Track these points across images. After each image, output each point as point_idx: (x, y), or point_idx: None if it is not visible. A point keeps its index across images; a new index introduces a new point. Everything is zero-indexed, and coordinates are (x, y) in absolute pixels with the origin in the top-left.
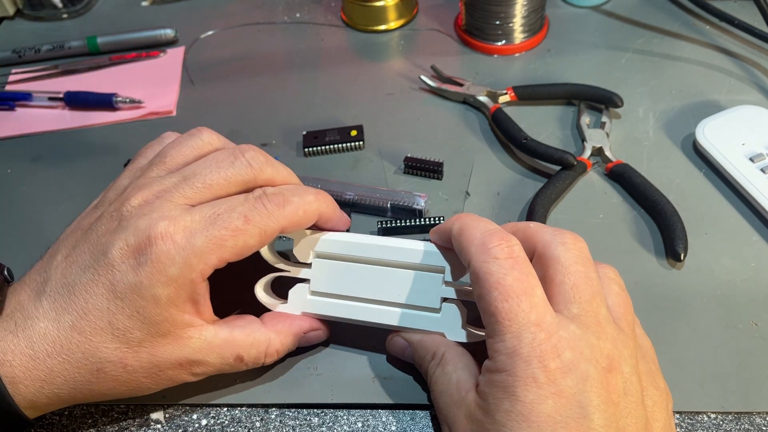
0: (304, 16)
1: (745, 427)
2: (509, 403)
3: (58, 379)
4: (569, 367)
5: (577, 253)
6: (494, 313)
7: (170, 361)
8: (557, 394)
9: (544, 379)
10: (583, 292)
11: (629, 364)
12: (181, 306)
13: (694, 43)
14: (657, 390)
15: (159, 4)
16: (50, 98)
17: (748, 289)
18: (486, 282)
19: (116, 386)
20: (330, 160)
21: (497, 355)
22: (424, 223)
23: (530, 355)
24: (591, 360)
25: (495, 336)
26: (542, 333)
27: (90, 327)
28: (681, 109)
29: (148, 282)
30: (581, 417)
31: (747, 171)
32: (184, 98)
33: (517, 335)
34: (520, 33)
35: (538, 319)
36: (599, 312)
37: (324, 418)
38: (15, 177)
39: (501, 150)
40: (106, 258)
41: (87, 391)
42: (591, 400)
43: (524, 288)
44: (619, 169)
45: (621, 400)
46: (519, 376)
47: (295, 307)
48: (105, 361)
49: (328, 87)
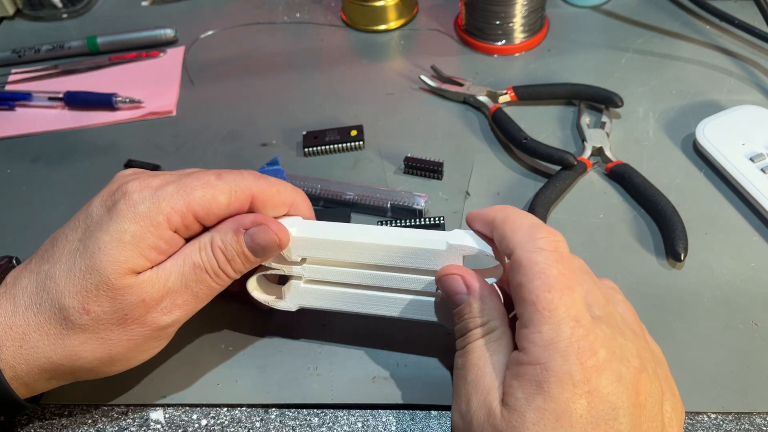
0: (304, 16)
1: (745, 427)
2: (542, 400)
3: (33, 334)
4: (605, 366)
5: (579, 265)
6: (534, 302)
7: (132, 301)
8: (590, 393)
9: (579, 377)
10: (597, 297)
11: (651, 367)
12: (145, 249)
13: (694, 43)
14: (674, 396)
15: (159, 4)
16: (50, 98)
17: (748, 289)
18: (530, 270)
19: (87, 341)
20: (330, 160)
21: (532, 347)
22: (424, 223)
23: (568, 350)
24: (623, 360)
25: (531, 326)
26: (581, 329)
27: (59, 271)
28: (681, 109)
29: (116, 218)
30: (611, 419)
31: (747, 171)
32: (184, 98)
33: (557, 327)
34: (520, 33)
35: (578, 314)
36: (616, 315)
37: (324, 418)
38: (15, 177)
39: (501, 150)
40: (88, 208)
41: (61, 350)
42: (623, 401)
43: (568, 282)
44: (619, 169)
45: (647, 402)
46: (554, 371)
47: (291, 302)
48: (69, 307)
49: (328, 87)
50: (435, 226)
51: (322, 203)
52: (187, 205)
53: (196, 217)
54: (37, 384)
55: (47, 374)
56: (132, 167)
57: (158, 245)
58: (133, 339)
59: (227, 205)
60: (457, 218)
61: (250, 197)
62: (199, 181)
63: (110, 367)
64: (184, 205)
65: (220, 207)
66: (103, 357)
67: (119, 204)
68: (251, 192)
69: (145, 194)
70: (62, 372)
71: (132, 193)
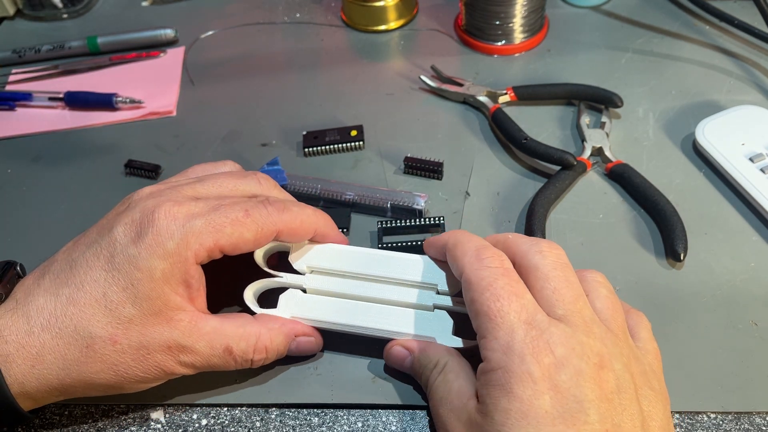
0: (304, 16)
1: (745, 427)
2: (506, 401)
3: (48, 356)
4: (562, 362)
5: (554, 259)
6: (486, 312)
7: (159, 342)
8: (553, 389)
9: (539, 374)
10: (565, 295)
11: (620, 363)
12: (174, 286)
13: (694, 43)
14: (652, 390)
15: (159, 4)
16: (50, 98)
17: (748, 289)
18: (478, 285)
19: (104, 369)
20: (330, 160)
21: (491, 354)
22: (424, 223)
23: (524, 351)
24: (582, 356)
25: (488, 335)
26: (534, 330)
27: (85, 299)
28: (681, 109)
29: (146, 253)
30: (578, 411)
31: (747, 171)
32: (184, 98)
33: (510, 332)
34: (520, 33)
35: (529, 317)
36: (584, 312)
37: (324, 418)
38: (15, 177)
39: (501, 150)
40: (110, 234)
41: (76, 374)
42: (586, 394)
43: (515, 290)
44: (618, 169)
45: (614, 396)
46: (514, 372)
47: (285, 312)
48: (95, 336)
49: (328, 87)
50: (435, 226)
51: (322, 203)
52: (216, 242)
53: (222, 252)
54: (44, 400)
55: (56, 392)
56: (132, 167)
57: (186, 280)
58: (147, 376)
59: (254, 242)
60: (456, 218)
61: (275, 233)
62: (228, 219)
63: (117, 392)
64: (212, 243)
65: (246, 243)
66: (114, 384)
67: (147, 237)
68: (277, 228)
69: (173, 229)
70: (71, 392)
71: (160, 227)
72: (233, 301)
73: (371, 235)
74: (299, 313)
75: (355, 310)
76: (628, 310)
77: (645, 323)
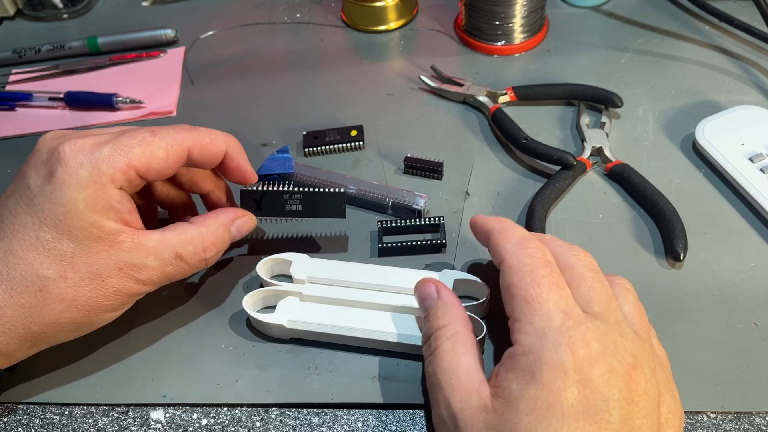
0: (304, 16)
1: (745, 427)
2: (534, 389)
3: (6, 309)
4: (597, 358)
5: (589, 263)
6: (525, 296)
7: (109, 266)
8: (582, 383)
9: (571, 365)
10: (600, 294)
11: (649, 367)
12: (102, 212)
13: (694, 43)
14: (673, 399)
15: (159, 4)
16: (50, 98)
17: (748, 289)
18: (520, 270)
19: (66, 308)
20: (330, 160)
21: (525, 337)
22: (423, 223)
23: (559, 339)
24: (616, 355)
25: (523, 318)
26: (571, 320)
27: (20, 246)
28: (681, 109)
29: (61, 188)
30: (602, 410)
31: (746, 171)
32: (184, 98)
33: (547, 318)
34: (520, 33)
35: (567, 308)
36: (617, 313)
37: (324, 418)
38: None
39: (501, 150)
40: (24, 180)
41: (39, 319)
42: (613, 394)
43: (555, 281)
44: (618, 169)
45: (641, 399)
46: (546, 360)
47: (282, 318)
48: (44, 277)
49: (328, 87)
50: (434, 226)
51: None
52: (128, 163)
53: (138, 173)
54: (17, 353)
55: (28, 343)
56: None
57: (111, 205)
58: (111, 303)
59: (165, 159)
60: (456, 218)
61: (185, 150)
62: (135, 140)
63: (89, 327)
64: (125, 164)
65: (159, 162)
66: (82, 320)
67: (57, 172)
68: (186, 145)
69: (81, 159)
70: (43, 339)
71: (68, 160)
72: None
73: (371, 235)
74: (296, 318)
75: (350, 315)
76: None
77: (654, 332)
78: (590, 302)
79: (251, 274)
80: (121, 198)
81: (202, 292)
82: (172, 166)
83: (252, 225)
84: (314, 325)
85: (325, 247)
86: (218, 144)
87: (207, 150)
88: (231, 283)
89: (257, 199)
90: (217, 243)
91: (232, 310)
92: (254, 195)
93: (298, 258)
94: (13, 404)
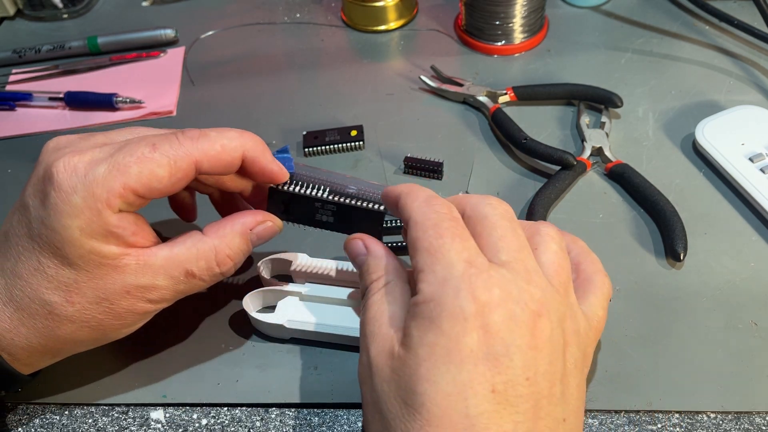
0: (304, 16)
1: (745, 427)
2: (433, 335)
3: (22, 328)
4: (498, 303)
5: (502, 212)
6: (427, 248)
7: (115, 291)
8: (482, 328)
9: (471, 311)
10: (510, 242)
11: (556, 316)
12: (101, 238)
13: (694, 43)
14: (579, 350)
15: (159, 4)
16: (50, 98)
17: (748, 289)
18: (423, 224)
19: (77, 328)
20: (330, 160)
21: (426, 286)
22: None
23: (459, 285)
24: (519, 301)
25: (426, 269)
26: (473, 269)
27: (25, 270)
28: (681, 109)
29: (55, 215)
30: (503, 355)
31: (747, 171)
32: (184, 98)
33: (449, 266)
34: (520, 33)
35: (470, 257)
36: (528, 262)
37: (324, 418)
38: (15, 177)
39: (501, 150)
40: (23, 198)
41: (54, 337)
42: (515, 339)
43: (459, 233)
44: (618, 169)
45: (545, 346)
46: (446, 306)
47: (282, 317)
48: (50, 302)
49: (328, 87)
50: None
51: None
52: (124, 185)
53: (137, 195)
54: (39, 363)
55: (48, 356)
56: None
57: (110, 231)
58: (124, 322)
59: (168, 178)
60: None
61: (192, 164)
62: (133, 157)
63: (107, 340)
64: (121, 186)
65: (160, 181)
66: (98, 337)
67: (51, 197)
68: (192, 158)
69: (74, 182)
70: (63, 352)
71: (61, 184)
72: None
73: None
74: (296, 318)
75: (351, 315)
76: (595, 271)
77: (603, 290)
78: (498, 251)
79: (251, 274)
80: (121, 222)
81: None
82: (177, 183)
83: (274, 231)
84: (314, 325)
85: (325, 247)
86: (231, 150)
87: (218, 159)
88: (231, 283)
89: (286, 201)
90: (233, 255)
91: (232, 310)
92: (283, 196)
93: (298, 258)
94: (13, 404)
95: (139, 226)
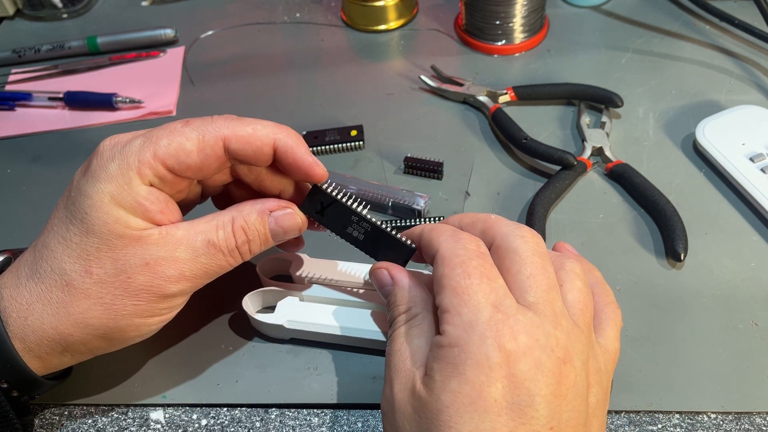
0: (304, 16)
1: (745, 427)
2: (457, 383)
3: (37, 304)
4: (524, 352)
5: (534, 246)
6: (454, 287)
7: (135, 262)
8: (508, 378)
9: (497, 360)
10: (540, 282)
11: (581, 359)
12: (129, 208)
13: (694, 43)
14: (601, 388)
15: (159, 4)
16: (50, 98)
17: (748, 289)
18: (451, 261)
19: (91, 306)
20: (330, 160)
21: (452, 329)
22: (423, 223)
23: (486, 333)
24: (546, 348)
25: (452, 310)
26: (500, 314)
27: (53, 239)
28: (681, 109)
29: (92, 180)
30: (528, 406)
31: (747, 171)
32: (184, 98)
33: (475, 310)
34: (520, 33)
35: (497, 301)
36: (555, 304)
37: (324, 418)
38: (15, 177)
39: (501, 150)
40: (73, 177)
41: (66, 317)
42: (540, 389)
43: (487, 273)
44: (619, 169)
45: (569, 392)
46: (471, 353)
47: (281, 318)
48: (69, 271)
49: (328, 87)
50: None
51: None
52: (154, 155)
53: (168, 168)
54: (50, 358)
55: (59, 346)
56: None
57: (138, 202)
58: (139, 305)
59: (196, 152)
60: None
61: (220, 140)
62: (165, 130)
63: (121, 335)
64: (151, 156)
65: (189, 155)
66: (111, 324)
67: (92, 164)
68: (221, 135)
69: (114, 152)
70: (74, 343)
71: (103, 153)
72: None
73: None
74: (296, 318)
75: (350, 315)
76: (608, 302)
77: (616, 321)
78: (526, 291)
79: (251, 274)
80: (150, 195)
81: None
82: (206, 159)
83: (295, 222)
84: (314, 325)
85: (325, 248)
86: (261, 136)
87: (248, 142)
88: (231, 283)
89: (324, 203)
90: (249, 230)
91: (232, 311)
92: (323, 197)
93: (298, 258)
94: None
95: (168, 207)
